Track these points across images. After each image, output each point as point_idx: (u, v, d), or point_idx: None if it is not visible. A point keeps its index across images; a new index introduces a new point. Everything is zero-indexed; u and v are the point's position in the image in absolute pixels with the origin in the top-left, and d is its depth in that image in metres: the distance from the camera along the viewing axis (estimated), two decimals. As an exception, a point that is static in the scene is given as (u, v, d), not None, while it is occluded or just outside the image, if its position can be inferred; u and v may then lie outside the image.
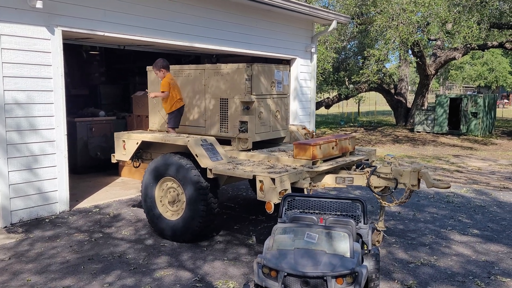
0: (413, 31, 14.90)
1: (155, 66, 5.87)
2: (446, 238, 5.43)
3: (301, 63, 10.40)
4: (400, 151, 14.59)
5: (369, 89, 22.04)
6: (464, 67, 41.04)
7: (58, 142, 6.16)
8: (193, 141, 4.98)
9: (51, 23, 5.96)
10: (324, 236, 3.25)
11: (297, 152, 4.92)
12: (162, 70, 5.84)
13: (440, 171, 10.61)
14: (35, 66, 5.86)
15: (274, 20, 9.51)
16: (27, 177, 5.90)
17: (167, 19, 7.45)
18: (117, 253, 4.90)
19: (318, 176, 4.83)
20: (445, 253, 4.94)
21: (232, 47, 8.72)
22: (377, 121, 26.69)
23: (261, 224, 5.90)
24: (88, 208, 6.55)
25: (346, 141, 5.42)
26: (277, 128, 5.85)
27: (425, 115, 19.20)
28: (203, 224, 4.95)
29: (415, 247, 5.13)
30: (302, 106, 10.65)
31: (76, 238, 5.37)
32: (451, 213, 6.55)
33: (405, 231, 5.68)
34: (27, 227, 5.72)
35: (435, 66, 19.85)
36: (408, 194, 4.74)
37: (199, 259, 4.73)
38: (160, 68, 5.83)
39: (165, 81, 5.78)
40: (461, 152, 14.34)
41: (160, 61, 5.87)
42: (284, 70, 5.83)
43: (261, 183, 4.37)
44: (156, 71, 5.89)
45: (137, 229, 5.70)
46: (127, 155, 5.69)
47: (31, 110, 5.87)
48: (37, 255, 4.84)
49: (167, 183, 5.23)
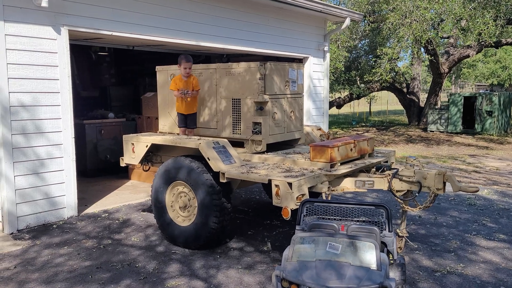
0: (426, 28, 14.57)
1: (190, 61, 5.58)
2: (471, 244, 5.14)
3: (314, 62, 10.14)
4: (414, 151, 14.26)
5: (381, 88, 21.69)
6: (476, 65, 40.36)
7: (66, 145, 5.97)
8: (204, 144, 4.76)
9: (57, 22, 5.77)
10: (348, 247, 3.00)
11: (314, 154, 4.67)
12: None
13: (458, 171, 10.30)
14: (41, 67, 5.68)
15: (286, 18, 9.26)
16: (34, 181, 5.72)
17: (176, 17, 7.24)
18: (126, 261, 4.70)
19: (337, 180, 4.58)
20: (472, 260, 4.66)
21: (242, 46, 8.49)
22: (389, 121, 26.31)
23: (276, 230, 5.66)
24: (97, 213, 6.36)
25: (365, 142, 5.16)
26: (291, 129, 5.61)
27: (438, 114, 18.83)
28: (215, 230, 4.73)
29: (439, 253, 4.86)
30: (315, 105, 10.38)
31: (84, 245, 5.18)
32: (474, 216, 6.25)
33: (427, 236, 5.41)
34: (34, 233, 5.53)
35: (449, 64, 19.45)
36: (433, 199, 4.46)
37: (212, 268, 4.50)
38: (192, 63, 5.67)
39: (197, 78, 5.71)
40: (477, 151, 13.98)
41: (189, 56, 5.63)
42: (298, 68, 5.59)
43: (277, 188, 4.13)
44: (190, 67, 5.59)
45: (147, 235, 5.49)
46: (136, 158, 5.49)
47: (37, 113, 5.69)
48: (44, 263, 4.65)
49: (178, 187, 5.01)
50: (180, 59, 5.58)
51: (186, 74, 5.57)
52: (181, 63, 5.56)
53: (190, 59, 5.61)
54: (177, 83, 5.62)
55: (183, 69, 5.56)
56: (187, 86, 5.60)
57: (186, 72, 5.56)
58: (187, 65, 5.54)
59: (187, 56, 5.63)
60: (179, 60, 5.59)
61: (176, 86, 5.62)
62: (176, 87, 5.62)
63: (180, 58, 5.60)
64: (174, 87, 5.64)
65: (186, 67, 5.54)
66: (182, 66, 5.55)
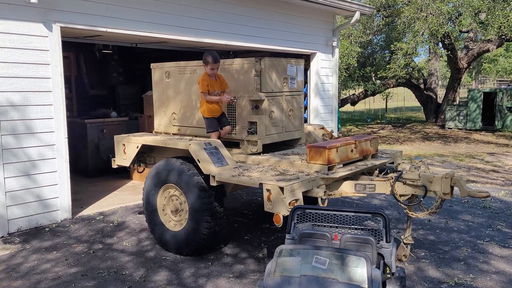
0: (443, 22, 14.06)
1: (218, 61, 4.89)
2: (483, 252, 4.78)
3: (322, 57, 9.78)
4: (430, 149, 13.79)
5: (396, 84, 21.14)
6: (498, 60, 39.30)
7: (59, 146, 5.78)
8: (195, 145, 4.50)
9: (49, 19, 5.57)
10: (336, 261, 2.70)
11: (311, 156, 4.37)
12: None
13: (474, 171, 9.85)
14: (32, 65, 5.49)
15: (292, 12, 8.93)
16: (25, 183, 5.55)
17: (176, 13, 6.99)
18: (114, 267, 4.47)
19: (335, 183, 4.27)
20: (483, 271, 4.30)
21: (247, 42, 8.21)
22: (405, 118, 25.70)
23: (274, 234, 5.37)
24: (92, 215, 6.16)
25: (367, 142, 4.83)
26: (290, 129, 5.31)
27: (457, 110, 18.25)
28: (207, 236, 4.47)
29: (448, 262, 4.51)
30: (323, 103, 10.04)
31: (74, 249, 4.98)
32: (489, 220, 5.86)
33: (436, 243, 5.05)
34: (25, 237, 5.36)
35: (467, 59, 18.81)
36: (439, 204, 4.12)
37: (202, 276, 4.25)
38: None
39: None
40: (497, 149, 13.43)
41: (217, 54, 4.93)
42: (297, 64, 5.28)
43: (268, 192, 3.85)
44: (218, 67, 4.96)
45: (140, 239, 5.27)
46: (128, 159, 5.27)
47: (28, 112, 5.51)
48: (29, 270, 4.46)
49: (169, 190, 4.77)
50: (207, 58, 4.83)
51: (213, 74, 4.92)
52: (208, 64, 4.83)
53: (218, 58, 4.90)
54: (210, 84, 4.89)
55: (210, 70, 4.85)
56: (220, 86, 4.96)
57: (214, 73, 4.90)
58: (215, 66, 4.86)
59: (214, 54, 4.85)
60: (206, 58, 4.83)
61: (208, 88, 4.88)
62: (208, 89, 4.88)
63: (207, 57, 4.83)
64: (206, 89, 4.87)
65: (213, 68, 4.85)
66: (209, 67, 4.83)
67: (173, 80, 5.57)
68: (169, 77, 5.61)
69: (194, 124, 5.44)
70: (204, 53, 4.90)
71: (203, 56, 4.90)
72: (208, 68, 4.86)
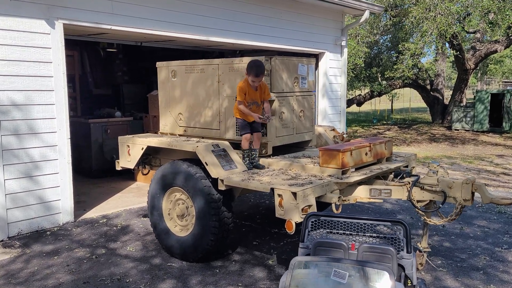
0: (452, 22, 13.83)
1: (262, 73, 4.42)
2: (502, 260, 4.57)
3: (330, 57, 9.59)
4: (438, 150, 13.56)
5: (403, 85, 20.89)
6: (504, 61, 38.92)
7: (61, 146, 5.61)
8: (202, 147, 4.32)
9: (51, 15, 5.40)
10: (357, 274, 2.52)
11: (324, 159, 4.18)
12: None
13: (485, 173, 9.62)
14: (34, 64, 5.32)
15: (301, 11, 8.74)
16: (27, 185, 5.38)
17: (182, 11, 6.81)
18: (117, 274, 4.29)
19: (349, 188, 4.08)
20: (504, 281, 4.10)
21: (255, 41, 8.01)
22: (411, 119, 25.44)
23: (284, 240, 5.18)
24: (95, 218, 5.99)
25: (382, 145, 4.64)
26: (301, 131, 5.11)
27: (463, 112, 17.99)
28: (214, 242, 4.28)
29: (466, 271, 4.31)
30: (331, 104, 9.83)
31: (76, 254, 4.80)
32: (505, 226, 5.66)
33: (452, 250, 4.85)
34: (26, 241, 5.19)
35: (475, 60, 18.55)
36: (459, 211, 3.92)
37: (209, 285, 4.06)
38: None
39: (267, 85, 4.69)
40: (505, 151, 13.18)
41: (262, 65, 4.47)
42: (308, 64, 5.09)
43: (280, 198, 3.66)
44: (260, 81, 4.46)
45: (144, 244, 5.09)
46: (132, 162, 5.09)
47: (30, 112, 5.34)
48: (29, 276, 4.29)
49: (175, 194, 4.59)
50: (250, 70, 4.37)
51: (255, 86, 4.45)
52: (250, 75, 4.37)
53: (263, 71, 4.42)
54: (248, 93, 4.45)
55: (251, 81, 4.40)
56: (260, 97, 4.52)
57: (255, 85, 4.44)
58: (256, 80, 4.38)
59: (259, 65, 4.40)
60: (249, 69, 4.37)
61: (244, 97, 4.45)
62: (244, 98, 4.45)
63: (251, 68, 4.37)
64: (242, 98, 4.44)
65: (254, 81, 4.39)
66: (250, 78, 4.38)
67: (180, 79, 5.39)
68: (176, 76, 5.43)
69: (202, 125, 5.25)
70: (250, 61, 4.45)
71: (248, 64, 4.43)
72: (249, 79, 4.40)
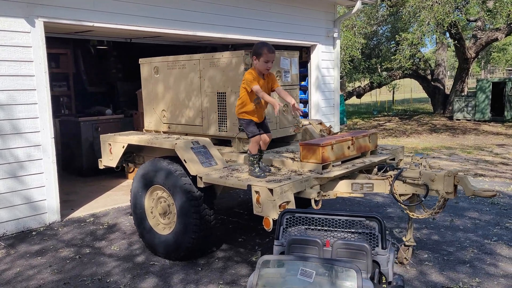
0: (449, 11, 13.65)
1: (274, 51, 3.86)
2: (491, 253, 4.49)
3: (322, 50, 9.47)
4: (438, 141, 13.44)
5: (403, 76, 20.72)
6: (507, 49, 38.50)
7: (45, 146, 5.57)
8: (181, 144, 4.25)
9: (31, 14, 5.34)
10: (324, 273, 2.45)
11: (304, 154, 4.11)
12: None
13: (483, 163, 9.50)
14: (14, 63, 5.27)
15: (291, 3, 8.62)
16: (12, 185, 5.35)
17: (167, 5, 6.73)
18: (99, 274, 4.25)
19: (330, 183, 4.00)
20: (490, 274, 4.03)
21: (244, 35, 7.92)
22: (413, 109, 25.27)
23: (270, 236, 5.12)
24: (82, 217, 5.96)
25: (366, 138, 4.55)
26: (284, 125, 5.04)
27: (465, 101, 17.82)
28: (196, 239, 4.23)
29: (452, 265, 4.24)
30: (324, 97, 9.73)
31: (60, 254, 4.77)
32: (496, 218, 5.57)
33: (440, 243, 4.77)
34: (12, 241, 5.17)
35: (475, 49, 18.34)
36: (442, 204, 3.84)
37: (191, 283, 4.01)
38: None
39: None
40: (506, 141, 13.05)
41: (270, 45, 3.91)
42: (291, 57, 5.00)
43: (257, 195, 3.60)
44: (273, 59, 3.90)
45: (130, 243, 5.04)
46: (114, 160, 5.04)
47: (13, 112, 5.30)
48: (12, 277, 4.26)
49: (157, 191, 4.53)
50: (259, 50, 3.78)
51: (267, 69, 3.86)
52: (262, 54, 3.77)
53: (273, 48, 3.88)
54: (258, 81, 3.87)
55: (263, 63, 3.79)
56: (267, 87, 3.97)
57: (268, 67, 3.83)
58: (271, 58, 3.80)
59: (265, 43, 3.89)
60: (258, 50, 3.80)
61: (257, 83, 3.83)
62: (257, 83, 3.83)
63: (259, 48, 3.79)
64: (256, 83, 3.81)
65: (268, 60, 3.79)
66: (263, 58, 3.78)
67: (162, 75, 5.32)
68: (158, 73, 5.36)
69: (185, 122, 5.19)
70: (255, 45, 3.89)
71: (253, 48, 3.88)
72: (261, 60, 3.79)
